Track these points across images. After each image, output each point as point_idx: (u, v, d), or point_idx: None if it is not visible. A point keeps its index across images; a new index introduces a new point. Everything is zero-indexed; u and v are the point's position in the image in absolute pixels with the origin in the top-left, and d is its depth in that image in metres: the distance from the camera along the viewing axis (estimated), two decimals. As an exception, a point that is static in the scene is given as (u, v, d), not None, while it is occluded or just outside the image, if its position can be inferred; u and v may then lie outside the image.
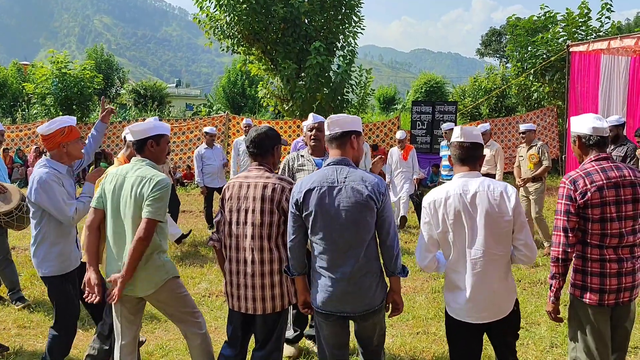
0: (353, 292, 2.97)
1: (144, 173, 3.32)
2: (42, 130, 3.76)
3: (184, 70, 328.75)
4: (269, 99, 16.46)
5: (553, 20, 16.85)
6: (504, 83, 20.67)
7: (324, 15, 15.54)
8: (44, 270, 3.76)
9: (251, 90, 33.25)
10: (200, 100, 49.28)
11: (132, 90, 34.84)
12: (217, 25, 15.55)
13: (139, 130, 3.42)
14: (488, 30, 46.69)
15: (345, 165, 3.05)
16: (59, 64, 17.74)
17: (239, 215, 3.29)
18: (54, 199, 3.65)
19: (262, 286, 3.27)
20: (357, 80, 16.29)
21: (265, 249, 3.26)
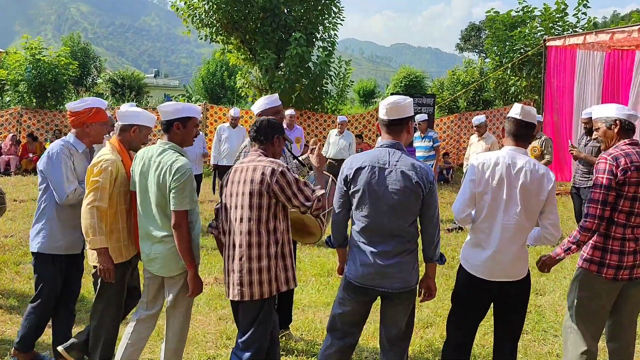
0: (393, 267, 3.06)
1: (166, 159, 3.31)
2: (70, 106, 3.78)
3: (163, 61, 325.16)
4: (248, 89, 16.37)
5: (531, 15, 17.01)
6: (482, 77, 20.83)
7: (303, 5, 15.50)
8: (34, 245, 3.73)
9: (230, 81, 33.00)
10: (179, 90, 48.82)
11: (109, 80, 34.34)
12: (195, 14, 15.41)
13: (167, 111, 3.40)
14: (468, 25, 47.09)
15: (398, 149, 3.11)
16: (33, 50, 17.43)
17: (231, 199, 3.30)
18: (57, 171, 3.65)
19: (249, 270, 3.22)
20: (336, 72, 16.27)
21: (254, 232, 3.22)
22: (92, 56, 34.45)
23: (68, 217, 3.73)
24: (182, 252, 3.29)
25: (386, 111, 3.13)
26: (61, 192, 3.63)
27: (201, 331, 4.71)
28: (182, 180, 3.24)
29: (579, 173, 7.28)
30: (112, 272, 3.47)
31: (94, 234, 3.39)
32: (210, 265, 6.58)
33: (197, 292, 3.41)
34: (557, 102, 11.75)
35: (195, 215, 3.44)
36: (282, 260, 3.31)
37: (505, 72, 17.05)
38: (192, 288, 3.38)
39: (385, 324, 3.25)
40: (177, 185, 3.24)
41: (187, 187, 3.26)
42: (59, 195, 3.65)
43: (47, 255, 3.73)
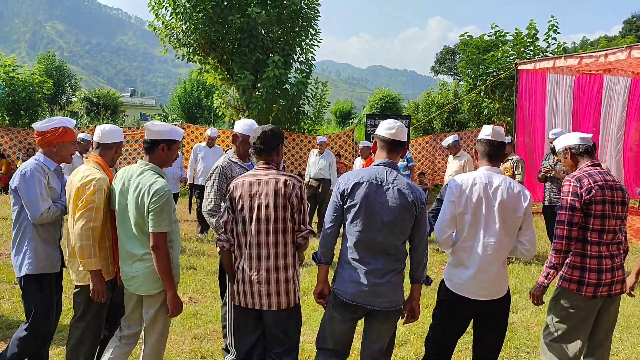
0: (383, 286, 3.11)
1: (144, 180, 3.30)
2: (37, 126, 3.71)
3: (140, 80, 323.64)
4: (225, 108, 16.38)
5: (503, 40, 17.43)
6: (456, 99, 21.19)
7: (281, 27, 15.63)
8: (23, 269, 3.61)
9: (207, 101, 32.98)
10: (156, 110, 48.62)
11: (85, 99, 34.07)
12: (172, 34, 15.42)
13: (155, 131, 3.38)
14: (442, 49, 47.93)
15: (394, 168, 3.23)
16: (6, 68, 17.22)
17: (252, 212, 3.29)
18: (31, 190, 3.57)
19: (277, 280, 3.27)
20: (313, 93, 16.40)
21: (281, 243, 3.28)
22: (67, 74, 34.17)
23: (49, 235, 3.69)
24: (161, 273, 3.27)
25: (395, 132, 3.24)
26: (35, 211, 3.55)
27: (175, 350, 4.66)
28: (160, 203, 3.23)
29: (553, 192, 7.50)
30: (104, 293, 3.45)
31: (89, 256, 3.37)
32: (185, 285, 6.52)
33: (176, 312, 3.39)
34: (529, 124, 12.01)
35: (175, 235, 3.44)
36: (296, 273, 3.40)
37: (479, 95, 17.38)
38: (172, 308, 3.35)
39: (369, 339, 3.27)
40: (155, 207, 3.22)
41: (165, 209, 3.25)
42: (33, 214, 3.57)
43: (36, 276, 3.63)
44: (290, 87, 15.30)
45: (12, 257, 3.69)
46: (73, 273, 3.65)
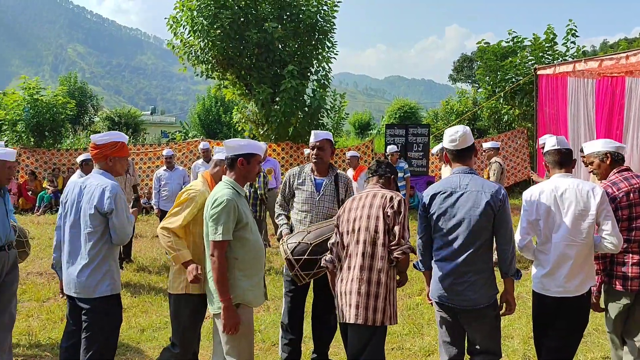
0: (458, 285, 3.28)
1: (213, 192, 3.43)
2: (95, 138, 3.70)
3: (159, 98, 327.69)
4: (244, 123, 16.51)
5: (521, 46, 17.33)
6: (475, 106, 21.07)
7: (297, 40, 15.76)
8: (102, 290, 3.56)
9: (226, 116, 33.28)
10: (176, 127, 49.05)
11: (107, 118, 34.54)
12: (191, 51, 15.64)
13: (232, 146, 3.47)
14: (460, 57, 47.72)
15: (468, 173, 3.38)
16: (30, 90, 17.56)
17: (349, 224, 3.46)
18: (123, 213, 3.58)
19: (367, 294, 3.30)
20: (331, 105, 16.45)
21: (376, 256, 3.35)
22: (89, 95, 34.73)
23: (117, 255, 3.76)
24: (215, 282, 3.28)
25: (458, 143, 3.38)
26: (126, 234, 3.62)
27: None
28: (218, 210, 3.26)
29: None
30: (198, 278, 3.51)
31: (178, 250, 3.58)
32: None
33: (230, 328, 3.27)
34: (550, 129, 11.87)
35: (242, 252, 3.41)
36: (391, 294, 3.39)
37: (498, 101, 17.27)
38: (224, 323, 3.28)
39: (467, 341, 3.45)
40: (213, 214, 3.28)
41: (222, 217, 3.26)
42: (125, 237, 3.60)
43: (116, 295, 3.67)
44: (309, 100, 15.37)
45: (78, 278, 3.57)
46: None
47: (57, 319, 5.93)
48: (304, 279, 3.98)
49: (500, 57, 17.16)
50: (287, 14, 15.64)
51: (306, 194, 4.36)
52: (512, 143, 16.41)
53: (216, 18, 14.50)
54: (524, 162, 16.26)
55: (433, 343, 5.11)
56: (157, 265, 8.52)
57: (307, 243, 3.94)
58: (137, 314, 6.10)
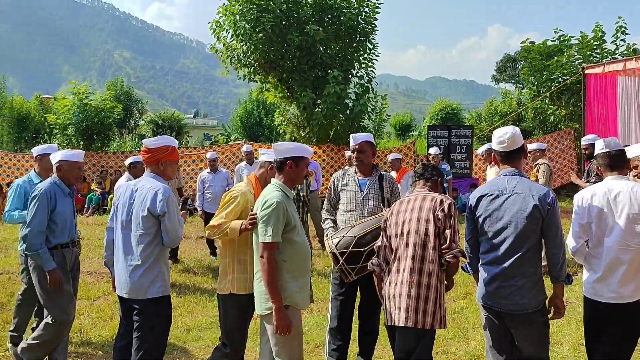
0: (505, 289, 3.22)
1: (264, 193, 3.48)
2: (148, 143, 3.76)
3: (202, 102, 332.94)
4: (286, 126, 16.61)
5: (567, 44, 16.90)
6: (520, 107, 20.65)
7: (339, 43, 15.76)
8: (154, 291, 3.63)
9: (267, 119, 33.59)
10: (218, 130, 49.77)
11: (151, 121, 35.33)
12: (233, 55, 15.82)
13: (281, 150, 3.51)
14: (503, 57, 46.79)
15: (516, 175, 3.34)
16: (80, 95, 18.12)
17: (397, 228, 3.43)
18: (174, 215, 3.63)
19: (417, 297, 3.27)
20: (372, 107, 16.40)
21: (426, 259, 3.31)
22: (134, 99, 35.62)
23: (167, 257, 3.84)
24: (264, 283, 3.30)
25: (507, 144, 3.33)
26: (177, 237, 3.68)
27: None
28: (268, 212, 3.31)
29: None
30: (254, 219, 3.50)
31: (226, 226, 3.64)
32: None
33: (282, 329, 3.27)
34: (599, 129, 11.57)
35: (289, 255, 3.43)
36: (441, 297, 3.36)
37: (544, 102, 16.88)
38: (276, 324, 3.28)
39: (515, 347, 3.36)
40: (263, 215, 3.33)
41: (271, 219, 3.29)
42: (175, 238, 3.66)
43: (166, 297, 3.73)
44: (351, 103, 15.35)
45: (134, 280, 3.63)
46: None
47: (107, 317, 6.10)
48: (350, 274, 3.96)
49: (546, 57, 16.77)
50: (328, 16, 15.67)
51: (350, 194, 4.39)
52: (559, 144, 16.01)
53: (258, 22, 14.65)
54: (570, 164, 15.84)
55: (479, 348, 5.04)
56: (202, 266, 8.66)
57: (351, 236, 3.94)
58: (183, 314, 6.21)
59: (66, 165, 4.45)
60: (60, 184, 4.43)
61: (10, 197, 5.04)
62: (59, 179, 4.45)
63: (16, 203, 4.97)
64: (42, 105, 30.70)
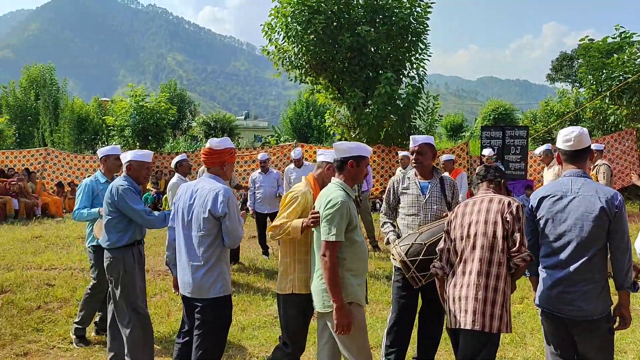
0: (569, 294, 3.10)
1: (326, 193, 3.47)
2: (214, 144, 3.75)
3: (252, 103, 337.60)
4: (336, 127, 16.63)
5: (629, 41, 16.25)
6: (578, 106, 20.00)
7: (390, 43, 15.66)
8: (216, 291, 3.66)
9: (317, 120, 33.77)
10: (268, 131, 50.41)
11: (203, 123, 36.15)
12: (285, 56, 15.95)
13: (342, 149, 3.53)
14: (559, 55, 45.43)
15: (581, 176, 3.20)
16: (137, 98, 18.69)
17: (463, 230, 3.36)
18: (235, 216, 3.65)
19: (484, 300, 3.21)
20: (424, 107, 16.22)
21: (494, 262, 3.25)
22: (187, 101, 36.50)
23: (228, 257, 3.86)
24: (326, 282, 3.31)
25: (574, 143, 3.21)
26: (239, 237, 3.70)
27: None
28: (332, 211, 3.31)
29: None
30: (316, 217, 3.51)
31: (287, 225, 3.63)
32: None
33: (342, 328, 3.28)
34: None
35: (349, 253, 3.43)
36: (508, 301, 3.30)
37: (603, 101, 16.29)
38: (337, 323, 3.28)
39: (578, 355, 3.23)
40: (326, 215, 3.33)
41: (335, 218, 3.30)
42: (236, 238, 3.67)
43: (227, 296, 3.77)
44: (402, 102, 15.23)
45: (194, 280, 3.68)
46: None
47: (164, 314, 6.24)
48: (420, 281, 3.91)
49: (606, 54, 16.17)
50: (380, 16, 15.60)
51: (412, 198, 4.32)
52: (619, 145, 15.41)
53: (310, 23, 14.73)
54: (632, 166, 15.22)
55: (537, 354, 4.90)
56: (255, 265, 8.75)
57: (421, 243, 3.88)
58: (237, 313, 6.28)
59: (136, 165, 4.57)
60: (132, 183, 4.54)
61: (79, 196, 5.24)
62: (129, 178, 4.56)
63: (85, 201, 5.18)
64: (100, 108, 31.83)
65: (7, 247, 10.07)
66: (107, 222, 4.49)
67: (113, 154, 5.32)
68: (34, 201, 14.75)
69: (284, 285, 3.79)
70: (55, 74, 30.78)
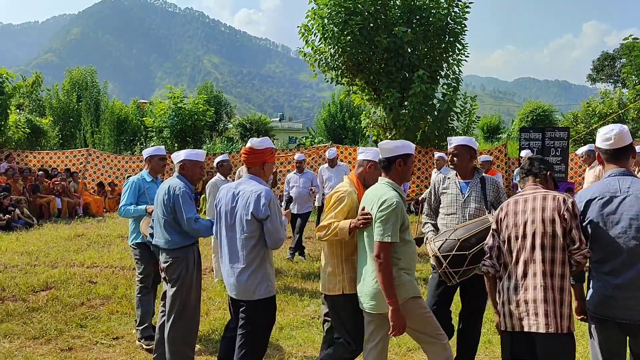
0: (633, 299, 2.98)
1: (379, 193, 3.43)
2: (255, 143, 3.77)
3: (287, 105, 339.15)
4: (372, 128, 16.58)
5: (675, 40, 15.76)
6: (621, 107, 19.47)
7: (427, 44, 15.54)
8: (261, 293, 3.67)
9: (351, 122, 33.73)
10: (303, 133, 50.60)
11: (239, 125, 36.50)
12: (321, 58, 15.99)
13: (388, 148, 3.52)
14: (600, 55, 44.33)
15: (627, 175, 3.11)
16: (175, 99, 19.00)
17: (518, 229, 3.20)
18: (276, 217, 3.65)
19: (553, 301, 3.08)
20: (461, 108, 16.04)
21: (549, 260, 3.11)
22: (223, 103, 36.90)
23: (272, 258, 3.85)
24: (380, 284, 3.29)
25: (614, 142, 3.11)
26: (281, 239, 3.67)
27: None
28: (387, 212, 3.29)
29: None
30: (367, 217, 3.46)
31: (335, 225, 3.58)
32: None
33: (398, 330, 3.29)
34: None
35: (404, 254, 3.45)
36: (571, 299, 3.20)
37: (648, 102, 15.82)
38: (393, 325, 3.27)
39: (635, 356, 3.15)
40: (381, 215, 3.31)
41: (391, 219, 3.28)
42: (278, 240, 3.65)
43: (272, 297, 3.77)
44: (438, 103, 15.10)
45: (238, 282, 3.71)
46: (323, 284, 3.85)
47: (203, 313, 6.29)
48: (454, 278, 3.85)
49: (651, 54, 15.72)
50: (417, 17, 15.51)
51: (451, 197, 4.30)
52: (665, 147, 14.93)
53: (346, 25, 14.73)
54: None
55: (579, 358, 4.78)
56: (290, 265, 8.78)
57: (454, 239, 3.82)
58: (275, 313, 6.32)
59: (190, 164, 4.52)
60: (187, 184, 4.47)
61: (125, 193, 5.36)
62: (184, 178, 4.51)
63: (131, 198, 5.30)
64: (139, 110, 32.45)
65: (51, 245, 10.36)
66: (165, 223, 4.38)
67: (158, 154, 5.46)
68: (76, 200, 15.15)
69: (332, 286, 3.76)
70: (96, 76, 31.50)
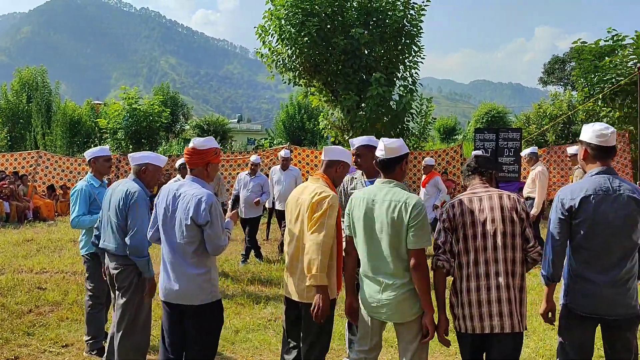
0: (620, 295, 3.06)
1: (397, 197, 3.21)
2: (198, 143, 3.57)
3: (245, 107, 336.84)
4: (330, 129, 16.61)
5: (621, 44, 16.33)
6: (570, 109, 20.10)
7: (383, 45, 15.65)
8: (203, 298, 3.53)
9: (310, 123, 33.76)
10: (261, 134, 50.33)
11: (196, 126, 36.00)
12: (279, 59, 15.91)
13: (394, 148, 3.31)
14: (551, 58, 45.67)
15: (614, 174, 3.14)
16: (130, 100, 18.62)
17: (476, 228, 3.16)
18: (218, 223, 3.48)
19: (515, 300, 3.09)
20: (417, 109, 16.23)
21: (510, 260, 3.10)
22: (180, 104, 36.38)
23: (215, 262, 3.69)
24: (422, 292, 3.13)
25: (609, 139, 3.13)
26: (220, 246, 3.51)
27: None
28: (421, 217, 3.14)
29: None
30: (327, 311, 3.38)
31: (317, 270, 3.34)
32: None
33: (431, 336, 3.21)
34: (657, 131, 11.12)
35: None
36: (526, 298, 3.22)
37: (596, 104, 16.36)
38: (431, 331, 3.18)
39: (614, 349, 3.19)
40: (416, 222, 3.13)
41: (425, 224, 3.16)
42: (218, 249, 3.51)
43: (217, 302, 3.63)
44: (395, 105, 15.23)
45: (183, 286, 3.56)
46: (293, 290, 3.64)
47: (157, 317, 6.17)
48: None
49: (598, 57, 16.24)
50: (374, 19, 15.60)
51: None
52: (612, 147, 15.48)
53: (303, 26, 14.69)
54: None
55: (533, 355, 4.88)
56: (247, 268, 8.68)
57: None
58: (230, 316, 6.22)
59: (153, 169, 4.31)
60: (144, 189, 4.26)
61: (75, 203, 4.95)
62: (141, 183, 4.27)
63: (83, 207, 4.90)
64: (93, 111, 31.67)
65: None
66: (118, 227, 4.17)
67: (102, 155, 5.08)
68: (26, 204, 14.63)
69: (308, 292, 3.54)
70: (47, 76, 30.63)
